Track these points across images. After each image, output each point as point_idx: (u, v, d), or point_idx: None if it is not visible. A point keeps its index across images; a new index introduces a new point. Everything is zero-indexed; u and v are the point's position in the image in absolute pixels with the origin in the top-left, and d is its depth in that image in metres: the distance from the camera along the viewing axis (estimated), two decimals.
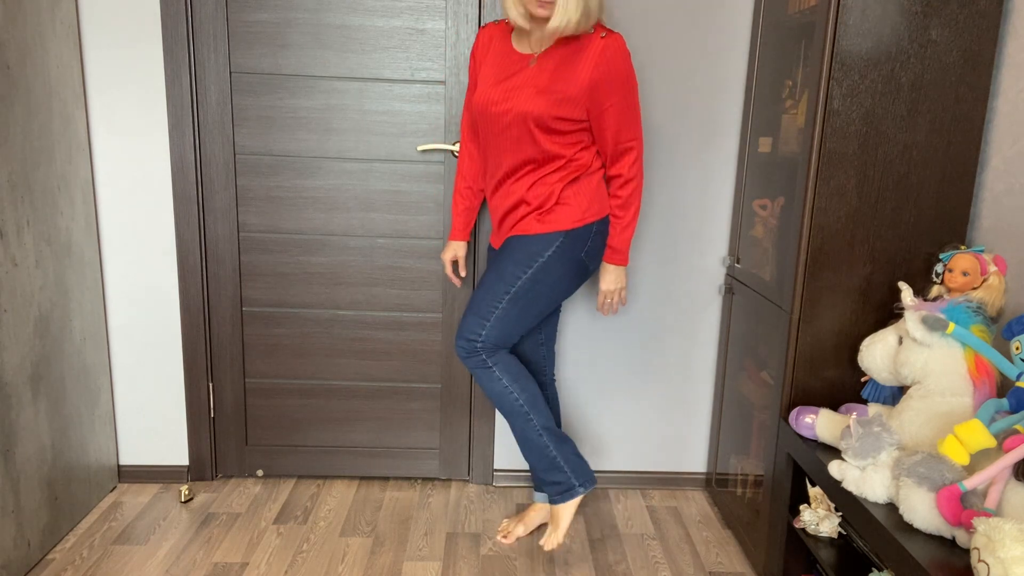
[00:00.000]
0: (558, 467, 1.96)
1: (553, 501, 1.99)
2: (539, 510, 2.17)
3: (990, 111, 1.68)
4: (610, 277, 1.96)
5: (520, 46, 1.85)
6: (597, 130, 1.83)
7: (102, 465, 2.28)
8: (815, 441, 1.67)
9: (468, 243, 2.20)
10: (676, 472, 2.50)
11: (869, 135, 1.66)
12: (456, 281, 2.13)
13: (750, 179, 2.14)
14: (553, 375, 2.22)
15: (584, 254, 1.89)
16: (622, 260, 1.94)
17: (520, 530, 2.14)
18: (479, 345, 1.87)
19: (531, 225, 1.87)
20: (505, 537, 2.13)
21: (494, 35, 1.91)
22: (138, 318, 2.30)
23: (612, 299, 1.99)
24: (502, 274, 1.86)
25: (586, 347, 2.39)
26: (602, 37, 1.75)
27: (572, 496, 1.98)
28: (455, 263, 2.08)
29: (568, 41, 1.79)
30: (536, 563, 2.05)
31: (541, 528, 2.19)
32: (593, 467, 2.49)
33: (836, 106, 1.64)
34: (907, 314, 1.48)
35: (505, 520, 2.21)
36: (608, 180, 1.91)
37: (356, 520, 2.23)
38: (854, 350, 1.76)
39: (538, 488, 2.16)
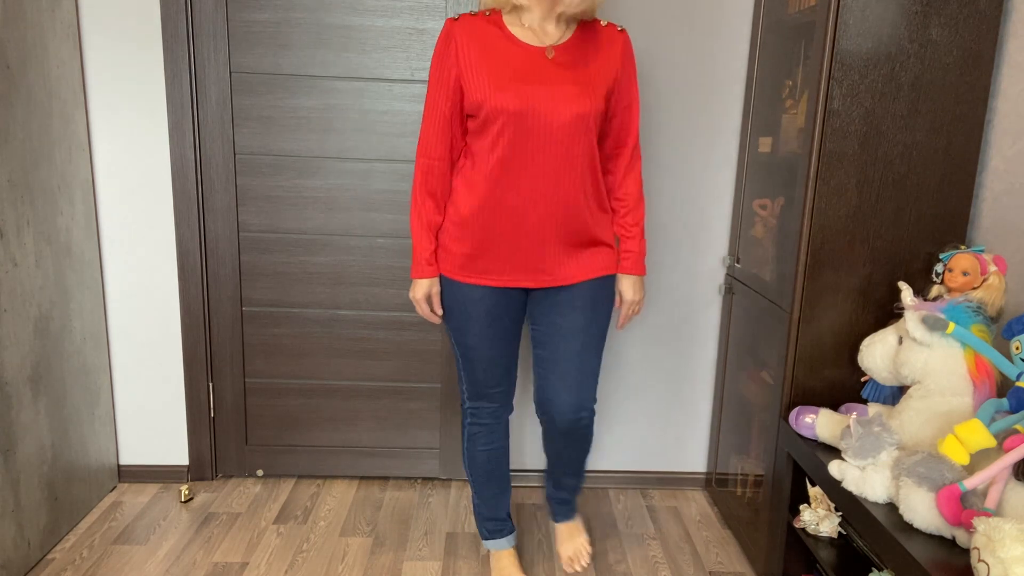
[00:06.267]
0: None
1: (573, 518, 2.04)
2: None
3: (990, 111, 1.68)
4: (637, 286, 1.83)
5: (525, 37, 1.64)
6: (621, 127, 1.74)
7: (102, 465, 2.28)
8: (815, 441, 1.67)
9: None
10: (676, 472, 2.50)
11: (869, 135, 1.66)
12: (438, 319, 1.81)
13: (750, 179, 2.14)
14: None
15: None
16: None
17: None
18: (595, 407, 1.85)
19: (610, 262, 1.77)
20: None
21: (475, 27, 1.64)
22: (138, 318, 2.30)
23: (635, 310, 1.86)
24: (601, 330, 1.78)
25: None
26: (620, 30, 1.70)
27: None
28: (430, 300, 1.77)
29: (582, 32, 1.66)
30: (536, 563, 2.05)
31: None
32: (593, 467, 2.49)
33: (836, 106, 1.64)
34: (907, 314, 1.48)
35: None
36: (622, 180, 1.78)
37: (356, 520, 2.23)
38: (854, 350, 1.76)
39: (511, 531, 2.02)
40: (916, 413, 1.46)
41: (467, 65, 1.63)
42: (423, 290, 1.76)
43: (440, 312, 1.79)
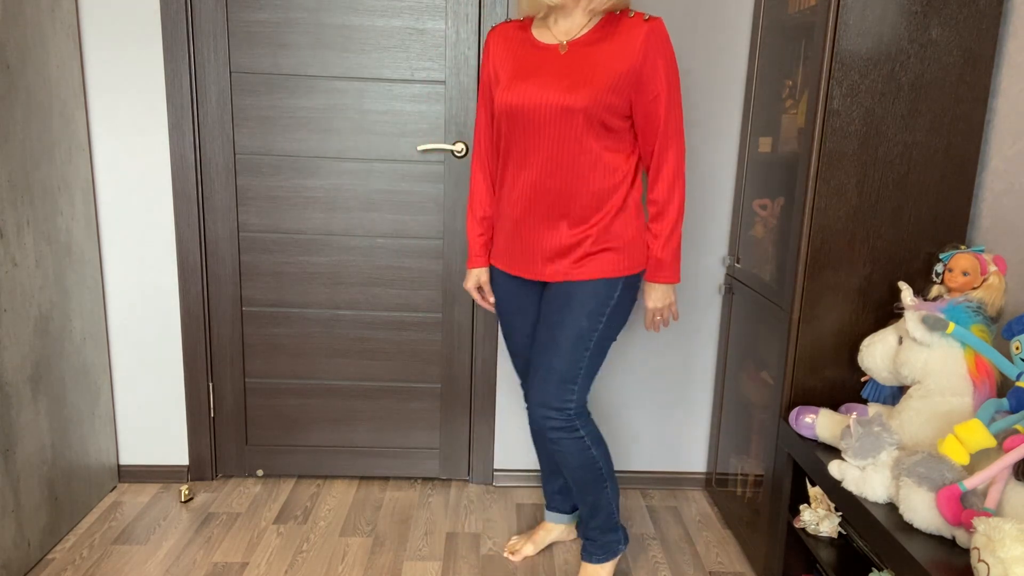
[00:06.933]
0: (614, 527, 1.89)
1: (596, 560, 1.90)
2: (549, 530, 2.09)
3: (990, 111, 1.68)
4: (657, 294, 1.76)
5: (544, 37, 1.67)
6: (645, 123, 1.64)
7: (102, 465, 2.28)
8: (815, 441, 1.67)
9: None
10: (676, 472, 2.50)
11: (869, 135, 1.66)
12: (490, 307, 1.92)
13: (750, 179, 2.14)
14: None
15: (640, 282, 1.77)
16: (672, 276, 1.74)
17: (529, 549, 2.05)
18: (572, 412, 1.72)
19: (610, 266, 1.68)
20: (513, 554, 2.05)
21: (507, 35, 1.73)
22: (138, 318, 2.30)
23: (663, 315, 1.79)
24: (579, 332, 1.69)
25: None
26: (646, 20, 1.60)
27: (615, 555, 1.91)
28: (480, 289, 1.90)
29: (603, 25, 1.63)
30: (536, 563, 2.05)
31: (550, 546, 2.12)
32: None
33: (836, 106, 1.64)
34: (907, 314, 1.48)
35: (515, 537, 2.11)
36: (652, 182, 1.70)
37: (356, 520, 2.23)
38: (854, 350, 1.76)
39: (552, 507, 2.08)
40: (916, 413, 1.46)
41: (494, 70, 1.74)
42: (472, 280, 1.90)
43: (492, 300, 1.91)
